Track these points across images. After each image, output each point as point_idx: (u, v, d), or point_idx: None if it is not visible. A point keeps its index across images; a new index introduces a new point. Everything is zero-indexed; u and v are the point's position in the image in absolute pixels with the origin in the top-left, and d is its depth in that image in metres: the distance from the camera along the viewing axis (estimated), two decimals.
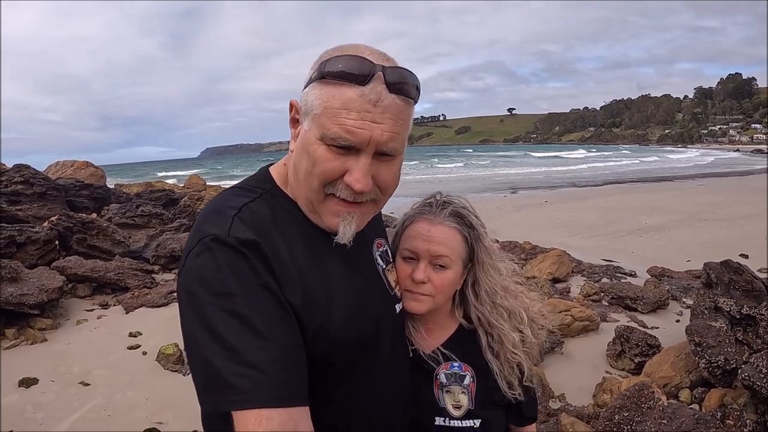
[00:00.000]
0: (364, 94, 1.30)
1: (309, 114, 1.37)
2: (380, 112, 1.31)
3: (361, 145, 1.32)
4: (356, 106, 1.30)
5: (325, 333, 1.39)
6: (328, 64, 1.33)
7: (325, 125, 1.32)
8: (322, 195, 1.40)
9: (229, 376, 1.18)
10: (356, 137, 1.31)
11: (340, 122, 1.30)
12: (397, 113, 1.34)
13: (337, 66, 1.31)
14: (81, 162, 17.26)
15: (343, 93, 1.31)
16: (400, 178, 1.50)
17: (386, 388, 1.62)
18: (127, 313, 7.31)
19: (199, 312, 1.25)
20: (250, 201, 1.43)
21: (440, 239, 1.78)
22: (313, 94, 1.36)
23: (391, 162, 1.41)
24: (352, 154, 1.35)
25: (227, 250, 1.29)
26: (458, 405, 1.80)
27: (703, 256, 8.24)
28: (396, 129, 1.35)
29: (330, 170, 1.36)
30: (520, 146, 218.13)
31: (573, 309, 6.65)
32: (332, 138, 1.31)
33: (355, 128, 1.30)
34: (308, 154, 1.37)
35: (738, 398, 4.53)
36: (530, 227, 15.44)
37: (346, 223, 1.43)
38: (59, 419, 4.82)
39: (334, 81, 1.32)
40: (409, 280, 1.77)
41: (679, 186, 31.30)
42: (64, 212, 9.74)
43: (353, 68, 1.30)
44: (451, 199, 1.89)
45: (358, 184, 1.35)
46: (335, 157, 1.34)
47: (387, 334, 1.62)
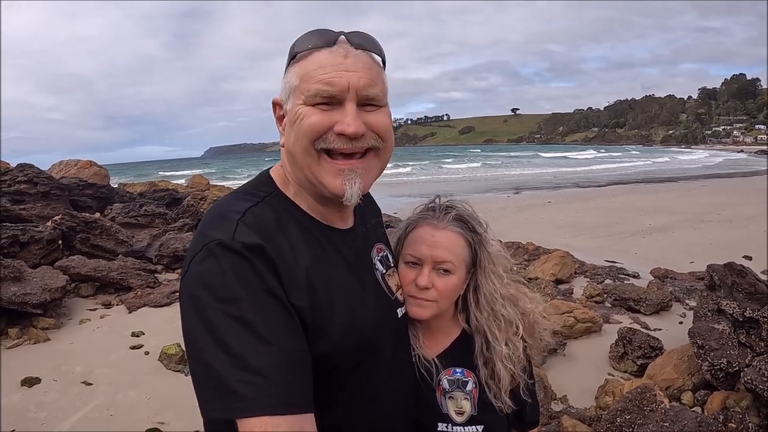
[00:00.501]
0: (333, 51, 1.40)
1: (290, 93, 1.43)
2: (351, 62, 1.39)
3: (342, 92, 1.38)
4: (328, 61, 1.39)
5: (328, 336, 1.39)
6: (296, 45, 1.45)
7: (305, 88, 1.39)
8: (314, 154, 1.42)
9: (234, 382, 1.18)
10: (335, 85, 1.37)
11: (318, 78, 1.37)
12: (367, 64, 1.43)
13: (304, 40, 1.43)
14: (84, 161, 17.27)
15: (315, 57, 1.41)
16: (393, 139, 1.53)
17: (389, 391, 1.62)
18: (129, 313, 7.32)
19: (203, 317, 1.25)
20: (254, 205, 1.43)
21: (444, 244, 1.78)
22: (289, 74, 1.45)
23: (377, 111, 1.45)
24: (337, 107, 1.39)
25: (232, 255, 1.29)
26: (461, 411, 1.80)
27: (707, 258, 8.22)
28: (371, 76, 1.41)
29: (316, 123, 1.39)
30: (527, 146, 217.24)
31: (576, 310, 6.64)
32: (314, 95, 1.37)
33: (332, 78, 1.37)
34: (294, 123, 1.41)
35: (740, 401, 4.51)
36: (533, 228, 15.43)
37: (349, 181, 1.43)
38: (61, 419, 4.82)
39: (305, 53, 1.41)
40: (413, 285, 1.76)
41: (683, 187, 31.26)
42: (67, 212, 9.75)
43: (319, 38, 1.42)
44: (454, 203, 1.89)
45: (350, 127, 1.38)
46: (320, 112, 1.39)
47: (389, 338, 1.62)
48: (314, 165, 1.43)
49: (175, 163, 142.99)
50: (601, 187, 33.55)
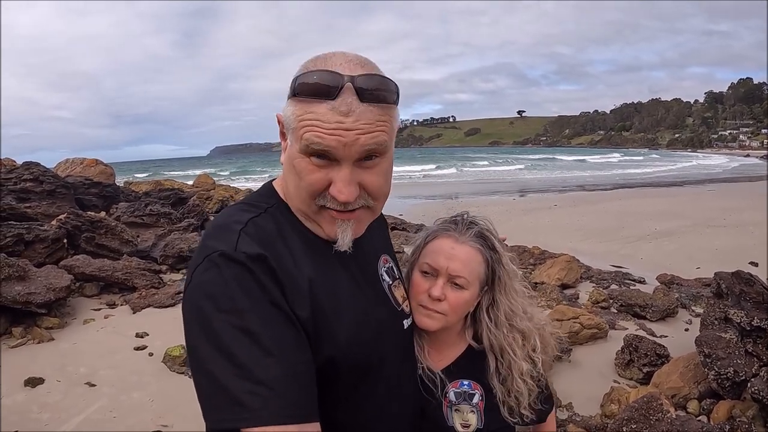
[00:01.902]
0: (335, 108, 1.29)
1: (290, 130, 1.39)
2: (353, 121, 1.30)
3: (337, 152, 1.32)
4: (328, 118, 1.29)
5: (332, 347, 1.38)
6: (298, 82, 1.33)
7: (302, 138, 1.32)
8: (314, 207, 1.41)
9: (239, 393, 1.17)
10: (330, 145, 1.30)
11: (318, 135, 1.30)
12: (372, 120, 1.33)
13: (305, 83, 1.31)
14: (90, 160, 17.30)
15: (315, 109, 1.30)
16: (391, 181, 1.49)
17: (394, 403, 1.61)
18: (134, 313, 7.31)
19: (207, 328, 1.24)
20: (256, 216, 1.43)
21: (462, 259, 1.77)
22: (289, 110, 1.37)
23: (375, 167, 1.40)
24: (334, 165, 1.35)
25: (234, 265, 1.28)
26: (467, 424, 1.79)
27: (713, 263, 8.20)
28: (372, 134, 1.33)
29: (315, 182, 1.36)
30: (537, 149, 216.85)
31: (581, 316, 6.61)
32: (312, 150, 1.32)
33: (329, 137, 1.29)
34: (294, 168, 1.38)
35: (746, 411, 4.49)
36: (539, 231, 15.40)
37: (342, 231, 1.43)
38: (64, 420, 4.82)
39: (304, 98, 1.32)
40: (425, 295, 1.77)
41: (690, 191, 31.17)
42: (72, 210, 9.75)
43: (320, 85, 1.30)
44: (476, 219, 1.89)
45: (342, 195, 1.35)
46: (317, 169, 1.35)
47: (394, 349, 1.62)
48: (314, 213, 1.44)
49: (183, 163, 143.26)
50: (608, 190, 33.50)
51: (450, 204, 6.25)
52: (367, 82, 1.32)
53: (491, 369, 1.84)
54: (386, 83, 1.35)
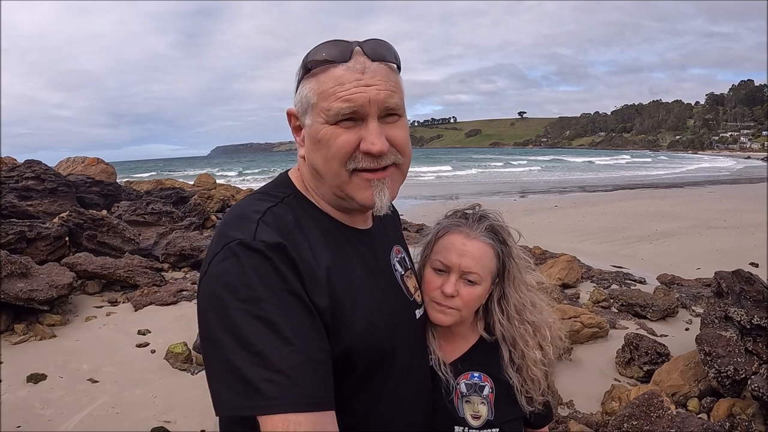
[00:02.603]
0: (350, 67, 1.39)
1: (308, 108, 1.43)
2: (370, 76, 1.39)
3: (364, 109, 1.38)
4: (347, 78, 1.37)
5: (347, 336, 1.40)
6: (309, 57, 1.41)
7: (325, 107, 1.38)
8: (346, 175, 1.43)
9: (257, 380, 1.19)
10: (357, 102, 1.37)
11: (338, 96, 1.37)
12: (385, 75, 1.42)
13: (318, 55, 1.39)
14: (92, 158, 17.30)
15: (332, 73, 1.39)
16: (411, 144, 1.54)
17: (406, 392, 1.63)
18: (135, 311, 7.33)
19: (225, 317, 1.25)
20: (273, 205, 1.44)
21: (474, 254, 1.78)
22: (305, 89, 1.43)
23: (397, 122, 1.46)
24: (359, 124, 1.40)
25: (253, 254, 1.30)
26: (477, 415, 1.81)
27: (714, 264, 8.19)
28: (390, 87, 1.41)
29: (344, 144, 1.39)
30: (550, 150, 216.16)
31: (582, 315, 6.62)
32: (336, 114, 1.37)
33: (352, 95, 1.36)
34: (320, 142, 1.41)
35: (746, 409, 4.50)
36: (540, 232, 15.38)
37: (379, 191, 1.45)
38: (67, 416, 4.83)
39: (319, 69, 1.40)
40: (438, 291, 1.78)
41: (690, 193, 31.15)
42: (74, 208, 9.77)
43: (333, 51, 1.41)
44: (487, 212, 1.90)
45: (375, 146, 1.39)
46: (345, 131, 1.39)
47: (406, 338, 1.64)
48: (345, 184, 1.44)
49: (185, 162, 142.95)
50: (608, 191, 33.47)
51: (451, 204, 6.34)
52: (373, 45, 1.44)
53: (506, 359, 1.85)
54: (389, 46, 1.47)
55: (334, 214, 1.53)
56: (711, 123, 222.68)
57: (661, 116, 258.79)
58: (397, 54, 1.48)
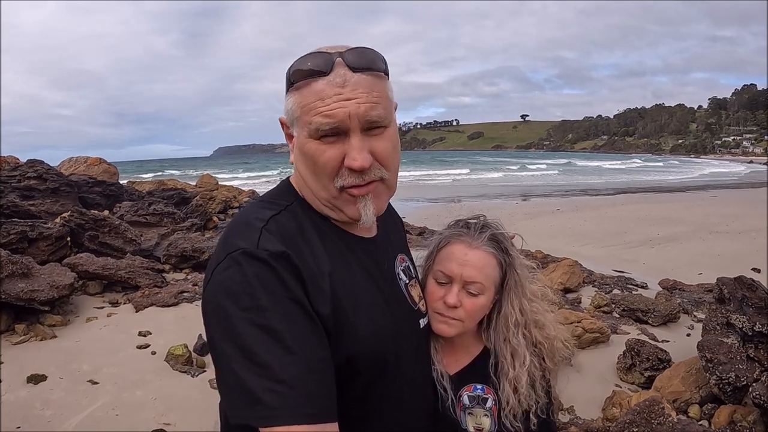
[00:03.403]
0: (331, 81, 1.37)
1: (293, 121, 1.44)
2: (350, 89, 1.37)
3: (345, 124, 1.37)
4: (327, 92, 1.36)
5: (350, 344, 1.39)
6: (292, 71, 1.41)
7: (307, 121, 1.38)
8: (335, 190, 1.43)
9: (259, 391, 1.19)
10: (337, 117, 1.35)
11: (318, 111, 1.36)
12: (368, 87, 1.39)
13: (299, 67, 1.39)
14: (94, 158, 17.32)
15: (313, 88, 1.38)
16: (399, 152, 1.53)
17: (409, 401, 1.62)
18: (136, 312, 7.31)
19: (228, 326, 1.25)
20: (276, 213, 1.44)
21: (476, 264, 1.78)
22: (289, 102, 1.43)
23: (382, 134, 1.44)
24: (342, 138, 1.39)
25: (256, 263, 1.29)
26: (480, 427, 1.81)
27: (715, 269, 8.20)
28: (372, 98, 1.39)
29: (329, 160, 1.39)
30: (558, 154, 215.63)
31: (584, 320, 6.61)
32: (317, 129, 1.37)
33: (333, 110, 1.35)
34: (305, 156, 1.42)
35: (747, 416, 4.49)
36: (542, 235, 15.35)
37: (363, 206, 1.45)
38: (67, 417, 4.83)
39: (301, 83, 1.39)
40: (441, 302, 1.77)
41: (692, 197, 31.10)
42: (76, 209, 9.77)
43: (313, 63, 1.38)
44: (489, 222, 1.89)
45: (356, 161, 1.38)
46: (329, 147, 1.39)
47: (410, 347, 1.63)
48: (335, 198, 1.46)
49: (188, 163, 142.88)
50: (610, 195, 33.45)
51: (452, 207, 6.30)
52: (355, 54, 1.41)
53: (500, 370, 1.84)
54: (373, 53, 1.45)
55: (337, 222, 1.53)
56: (713, 127, 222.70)
57: (663, 120, 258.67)
58: (383, 60, 1.47)
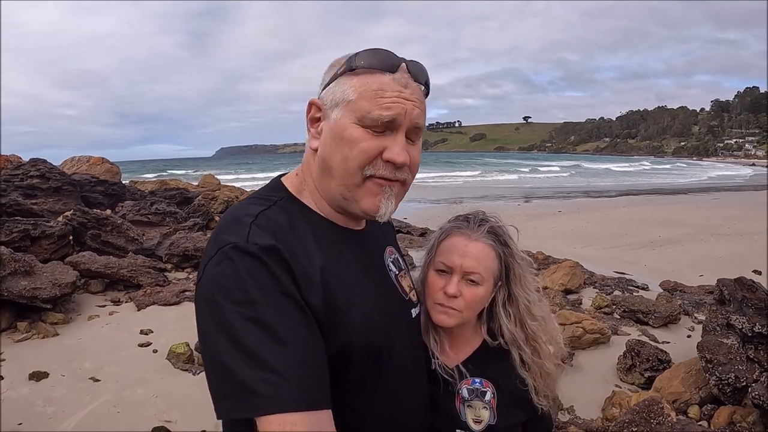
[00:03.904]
0: (396, 79, 1.44)
1: (340, 103, 1.45)
2: (409, 93, 1.45)
3: (398, 120, 1.43)
4: (391, 87, 1.43)
5: (342, 335, 1.40)
6: (357, 58, 1.46)
7: (363, 108, 1.42)
8: (359, 178, 1.46)
9: (252, 381, 1.20)
10: (396, 112, 1.42)
11: (379, 102, 1.42)
12: (420, 98, 1.49)
13: (368, 58, 1.45)
14: (96, 158, 17.38)
15: (378, 79, 1.44)
16: None
17: (404, 392, 1.64)
18: (138, 311, 7.34)
19: (220, 320, 1.27)
20: (266, 208, 1.46)
21: (475, 255, 1.81)
22: (344, 85, 1.46)
23: (416, 144, 1.53)
24: (387, 134, 1.44)
25: (247, 257, 1.31)
26: (479, 419, 1.83)
27: (716, 271, 8.19)
28: (422, 108, 1.50)
29: (369, 149, 1.43)
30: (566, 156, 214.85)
31: (584, 321, 6.62)
32: (373, 118, 1.41)
33: (394, 104, 1.42)
34: (343, 140, 1.44)
35: (747, 416, 4.50)
36: (543, 237, 15.35)
37: (386, 199, 1.49)
38: (69, 414, 4.85)
39: (366, 70, 1.44)
40: (441, 293, 1.80)
41: (693, 199, 31.08)
42: (78, 207, 9.81)
43: (384, 59, 1.45)
44: (487, 216, 1.93)
45: (400, 156, 1.44)
46: (372, 137, 1.43)
47: (403, 337, 1.64)
48: (356, 186, 1.47)
49: (191, 163, 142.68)
50: (612, 197, 33.42)
51: (454, 208, 6.30)
52: (417, 66, 1.51)
53: (516, 361, 1.87)
54: (426, 72, 1.55)
55: (328, 216, 1.55)
56: (716, 130, 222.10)
57: (666, 122, 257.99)
58: (429, 82, 1.56)
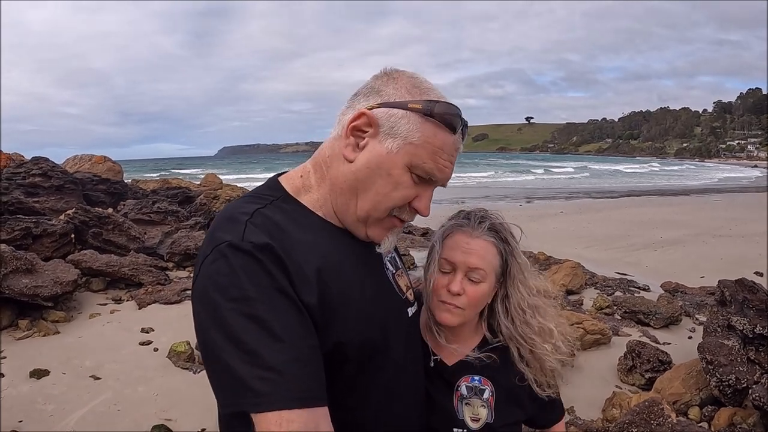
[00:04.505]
0: (455, 142, 1.49)
1: (399, 138, 1.45)
2: (455, 156, 1.51)
3: (439, 181, 1.51)
4: (449, 150, 1.47)
5: (339, 332, 1.41)
6: (438, 107, 1.45)
7: (421, 157, 1.45)
8: (384, 214, 1.50)
9: (249, 378, 1.20)
10: (443, 176, 1.49)
11: (436, 161, 1.46)
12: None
13: (444, 112, 1.45)
14: (98, 156, 17.39)
15: (444, 137, 1.46)
16: None
17: (400, 391, 1.64)
18: (139, 309, 7.36)
19: (216, 317, 1.27)
20: (262, 207, 1.45)
21: (478, 252, 1.81)
22: (412, 123, 1.45)
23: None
24: (423, 185, 1.49)
25: (242, 255, 1.31)
26: (476, 418, 1.83)
27: (718, 273, 8.17)
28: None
29: (408, 196, 1.49)
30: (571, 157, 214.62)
31: (585, 322, 6.62)
32: (426, 171, 1.46)
33: (444, 168, 1.48)
34: (390, 176, 1.46)
35: (747, 418, 4.49)
36: (545, 237, 15.33)
37: (391, 236, 1.58)
38: (69, 411, 4.86)
39: (437, 123, 1.44)
40: (445, 291, 1.80)
41: (695, 201, 31.07)
42: (80, 206, 9.82)
43: (453, 118, 1.46)
44: (488, 213, 1.93)
45: (427, 211, 1.52)
46: (415, 185, 1.48)
47: (399, 335, 1.64)
48: (377, 220, 1.52)
49: (194, 162, 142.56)
50: (614, 198, 33.42)
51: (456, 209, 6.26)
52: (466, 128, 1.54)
53: (515, 356, 1.89)
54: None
55: (325, 216, 1.55)
56: (718, 131, 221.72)
57: (668, 123, 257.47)
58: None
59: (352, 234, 1.58)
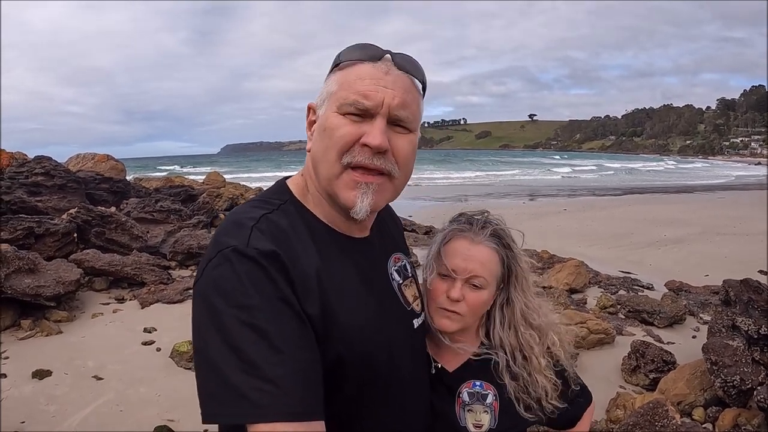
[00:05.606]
0: (376, 66, 1.46)
1: (326, 98, 1.47)
2: (391, 80, 1.44)
3: (376, 107, 1.42)
4: (369, 74, 1.44)
5: (340, 345, 1.39)
6: (342, 54, 1.50)
7: (341, 96, 1.43)
8: (338, 167, 1.44)
9: (246, 389, 1.18)
10: (370, 99, 1.41)
11: (356, 89, 1.42)
12: (406, 86, 1.48)
13: (351, 51, 1.49)
14: (101, 155, 17.38)
15: (358, 68, 1.46)
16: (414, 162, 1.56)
17: (405, 402, 1.62)
18: (142, 308, 7.34)
19: (217, 322, 1.25)
20: (269, 212, 1.44)
21: (479, 259, 1.79)
22: (330, 81, 1.49)
23: (406, 135, 1.49)
24: (367, 121, 1.42)
25: (247, 261, 1.29)
26: (479, 424, 1.81)
27: (722, 271, 8.15)
28: (406, 98, 1.46)
29: (347, 134, 1.42)
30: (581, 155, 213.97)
31: (589, 321, 6.60)
32: (349, 104, 1.41)
33: (368, 91, 1.42)
34: (325, 130, 1.44)
35: (752, 419, 4.48)
36: (548, 235, 15.30)
37: (362, 194, 1.45)
38: (71, 412, 4.85)
39: (350, 63, 1.47)
40: (444, 297, 1.79)
41: (700, 198, 30.98)
42: (83, 205, 9.81)
43: (366, 50, 1.49)
44: (490, 218, 1.91)
45: (375, 139, 1.40)
46: (350, 124, 1.42)
47: (404, 349, 1.62)
48: (335, 178, 1.45)
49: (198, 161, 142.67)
50: (618, 196, 33.36)
51: (459, 207, 6.24)
52: (403, 57, 1.51)
53: (501, 365, 1.84)
54: (419, 65, 1.55)
55: (330, 222, 1.53)
56: (722, 128, 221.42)
57: (671, 121, 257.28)
58: (424, 76, 1.55)
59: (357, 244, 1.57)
